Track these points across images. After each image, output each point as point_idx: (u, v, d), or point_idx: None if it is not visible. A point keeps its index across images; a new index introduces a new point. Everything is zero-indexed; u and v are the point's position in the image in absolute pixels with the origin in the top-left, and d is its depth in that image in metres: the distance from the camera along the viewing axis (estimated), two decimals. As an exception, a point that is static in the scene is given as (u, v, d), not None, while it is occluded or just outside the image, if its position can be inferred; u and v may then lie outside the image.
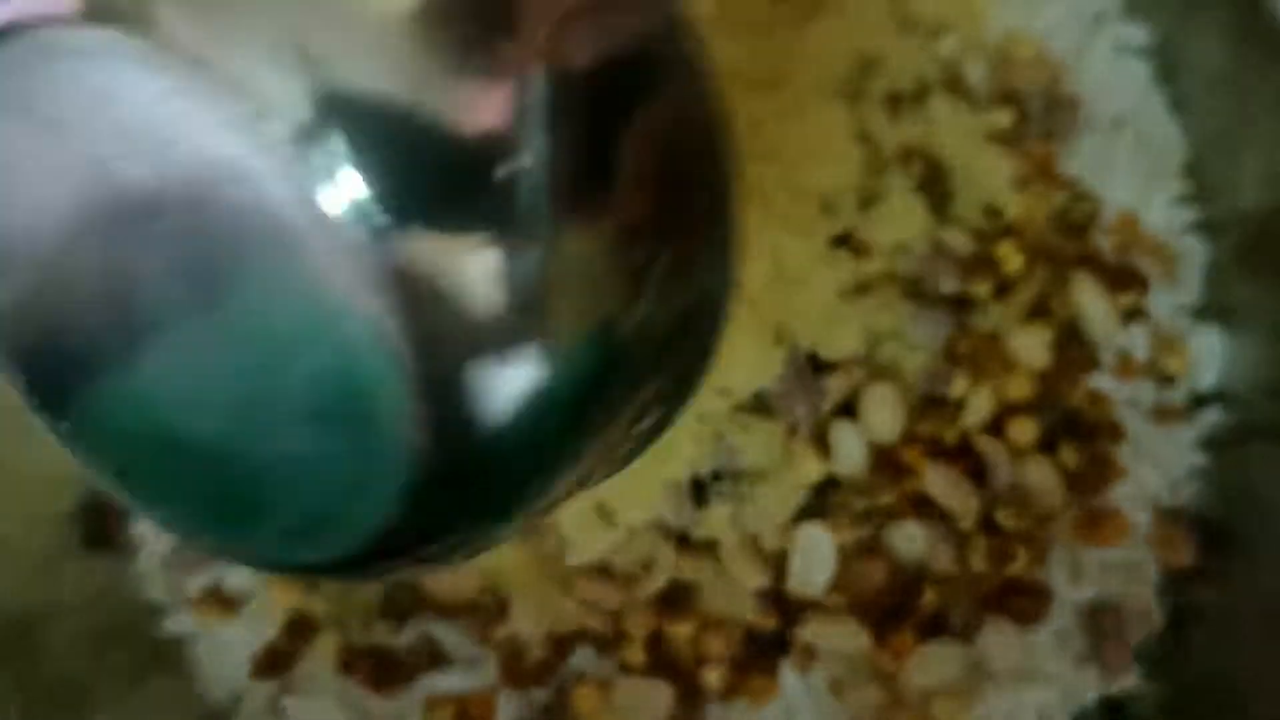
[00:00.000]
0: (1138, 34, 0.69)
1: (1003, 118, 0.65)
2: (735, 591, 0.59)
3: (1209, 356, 0.66)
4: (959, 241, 0.62)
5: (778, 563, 0.60)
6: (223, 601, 0.64)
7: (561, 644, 0.61)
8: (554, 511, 0.55)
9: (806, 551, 0.58)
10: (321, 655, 0.63)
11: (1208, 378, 0.67)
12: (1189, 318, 0.67)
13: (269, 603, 0.64)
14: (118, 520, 0.67)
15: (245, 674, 0.64)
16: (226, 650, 0.65)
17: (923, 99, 0.65)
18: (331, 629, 0.63)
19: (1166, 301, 0.67)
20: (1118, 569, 0.64)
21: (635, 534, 0.58)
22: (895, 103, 0.64)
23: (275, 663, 0.62)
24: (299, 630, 0.62)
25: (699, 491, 0.59)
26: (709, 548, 0.60)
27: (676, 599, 0.60)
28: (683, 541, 0.60)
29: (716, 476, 0.59)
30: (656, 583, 0.59)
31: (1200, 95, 0.68)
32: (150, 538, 0.67)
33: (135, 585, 0.67)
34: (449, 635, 0.62)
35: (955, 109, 0.65)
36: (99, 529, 0.67)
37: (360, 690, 0.62)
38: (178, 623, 0.67)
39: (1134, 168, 0.68)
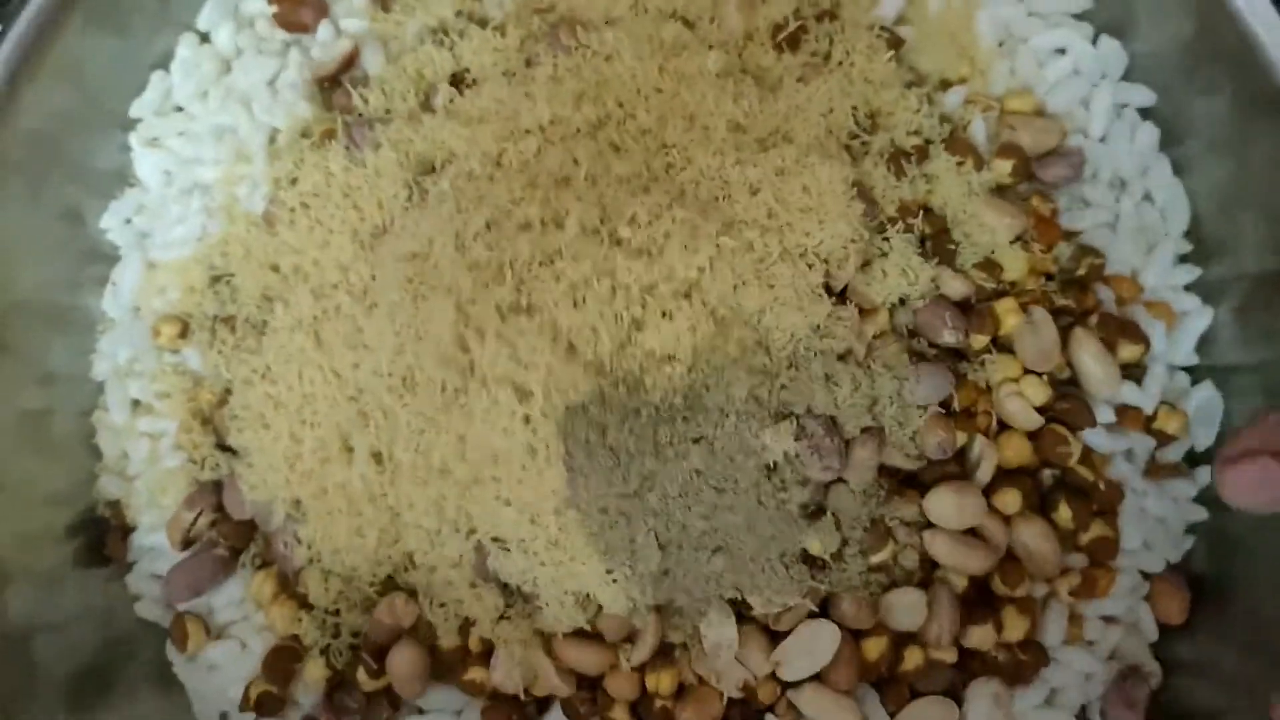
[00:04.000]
0: (1141, 94, 0.69)
1: (1005, 173, 0.66)
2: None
3: (1207, 415, 0.66)
4: (959, 295, 0.63)
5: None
6: (209, 626, 0.65)
7: (541, 701, 0.62)
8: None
9: (807, 643, 0.59)
10: (308, 683, 0.63)
11: (1205, 436, 0.66)
12: (1188, 377, 0.67)
13: (260, 627, 0.65)
14: (119, 538, 0.68)
15: (234, 695, 0.64)
16: (217, 671, 0.65)
17: (925, 155, 0.66)
18: (318, 658, 0.63)
19: (1166, 360, 0.66)
20: (1116, 626, 0.64)
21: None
22: (897, 159, 0.65)
23: (266, 706, 0.63)
24: (285, 658, 0.63)
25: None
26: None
27: (662, 656, 0.60)
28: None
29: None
30: (641, 653, 0.59)
31: (1202, 156, 0.68)
32: (146, 558, 0.68)
33: (131, 604, 0.68)
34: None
35: (957, 165, 0.65)
36: (98, 546, 0.68)
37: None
38: (170, 645, 0.67)
39: (1137, 225, 0.68)
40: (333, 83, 0.69)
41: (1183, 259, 0.68)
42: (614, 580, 0.57)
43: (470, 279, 0.56)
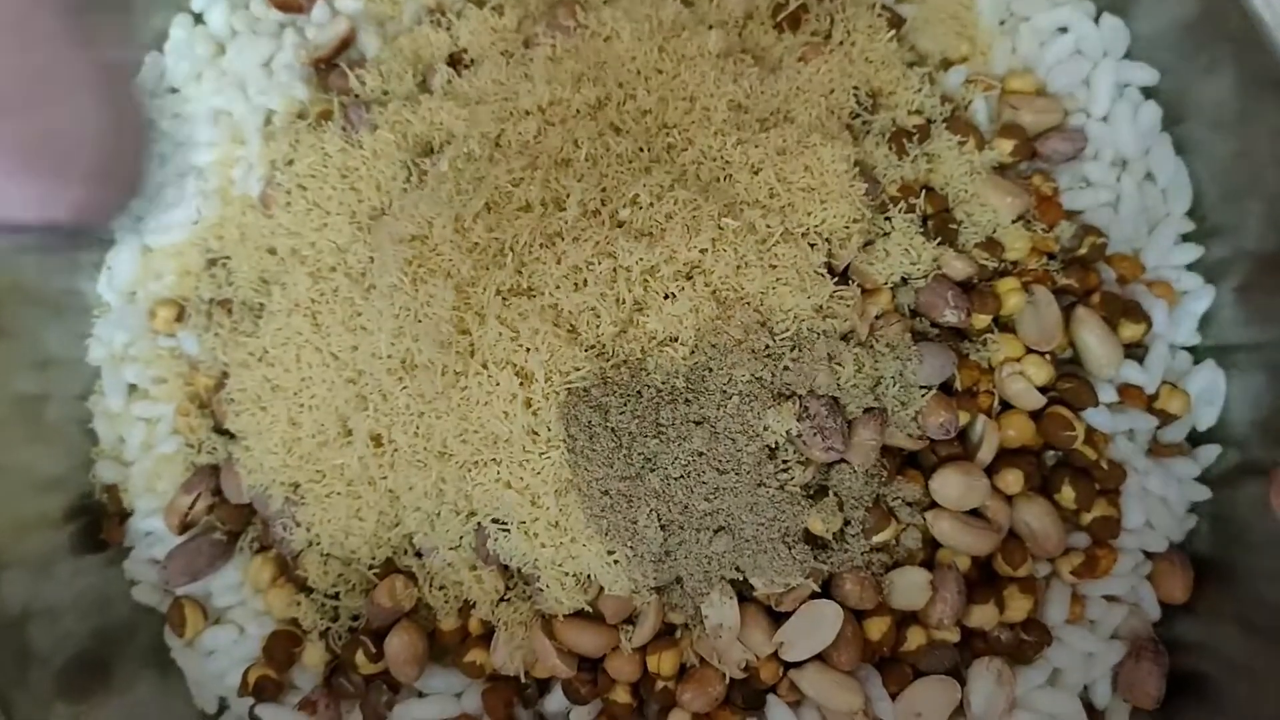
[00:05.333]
0: (1143, 73, 0.69)
1: (1006, 153, 0.66)
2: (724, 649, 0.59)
3: (1209, 395, 0.66)
4: (961, 275, 0.62)
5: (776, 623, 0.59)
6: (207, 611, 0.65)
7: (542, 682, 0.61)
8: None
9: (809, 623, 0.58)
10: (308, 667, 0.63)
11: (1207, 416, 0.66)
12: (1190, 357, 0.67)
13: (258, 612, 0.65)
14: (116, 523, 0.67)
15: (232, 680, 0.64)
16: (214, 656, 0.65)
17: (926, 135, 0.65)
18: (317, 642, 0.63)
19: (1168, 340, 0.66)
20: (1119, 605, 0.64)
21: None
22: (899, 139, 0.64)
23: (265, 691, 0.62)
24: (285, 642, 0.62)
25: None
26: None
27: (663, 637, 0.60)
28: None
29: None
30: (642, 634, 0.59)
31: (1204, 135, 0.67)
32: (143, 543, 0.67)
33: (128, 589, 0.67)
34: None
35: (958, 145, 0.65)
36: (94, 531, 0.67)
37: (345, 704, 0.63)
38: (167, 630, 0.66)
39: (1138, 205, 0.68)
40: (329, 64, 0.69)
41: (1184, 238, 0.68)
42: (615, 561, 0.57)
43: (470, 261, 0.55)
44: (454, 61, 0.66)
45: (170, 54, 0.71)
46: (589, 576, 0.58)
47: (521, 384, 0.55)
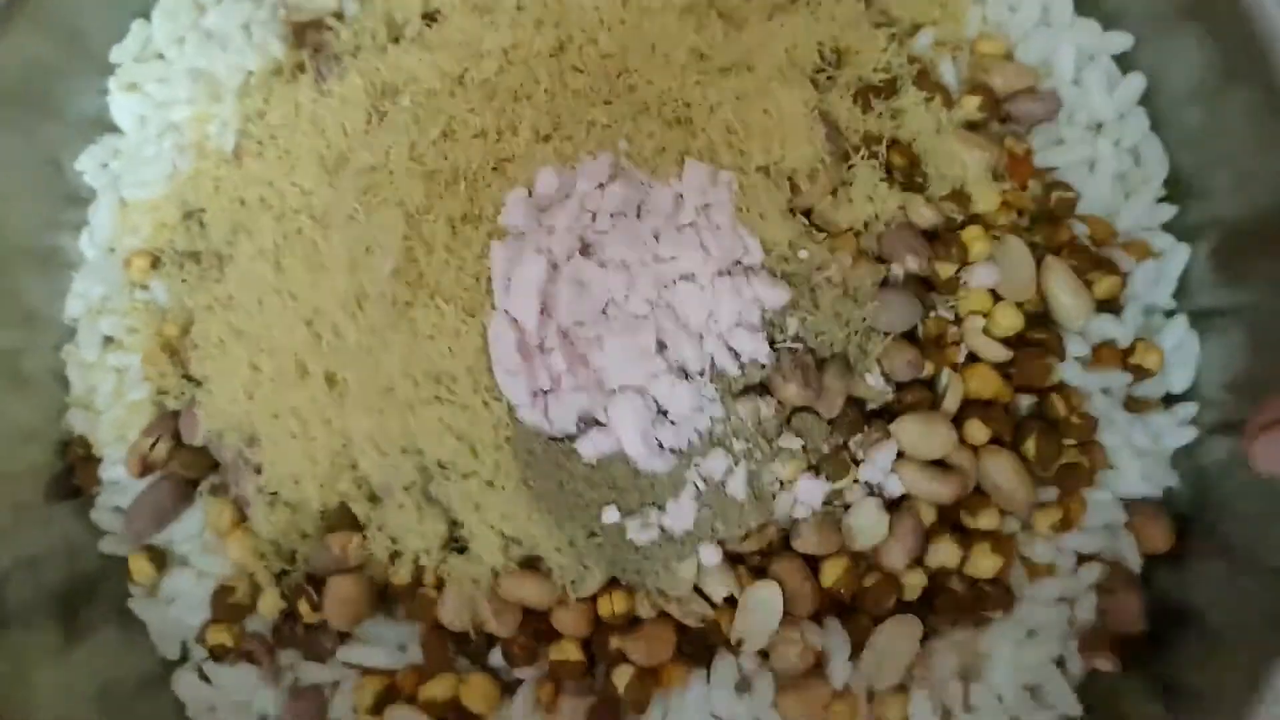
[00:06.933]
0: (1118, 40, 0.69)
1: (974, 109, 0.65)
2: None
3: (1184, 355, 0.65)
4: (926, 223, 0.62)
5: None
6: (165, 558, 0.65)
7: (490, 637, 0.60)
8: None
9: (756, 607, 0.57)
10: (263, 615, 0.62)
11: (1181, 379, 0.65)
12: (1165, 319, 0.66)
13: (218, 556, 0.64)
14: (88, 468, 0.67)
15: (193, 623, 0.63)
16: (175, 603, 0.65)
17: (893, 91, 0.65)
18: (273, 589, 0.62)
19: (1145, 300, 0.65)
20: (1099, 561, 0.63)
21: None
22: (865, 94, 0.64)
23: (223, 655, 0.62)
24: (228, 596, 0.62)
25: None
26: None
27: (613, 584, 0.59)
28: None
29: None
30: (590, 585, 0.58)
31: (1179, 104, 0.67)
32: (110, 491, 0.67)
33: (96, 540, 0.67)
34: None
35: (925, 101, 0.65)
36: (68, 480, 0.67)
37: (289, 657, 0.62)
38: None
39: (1115, 169, 0.67)
40: (306, 23, 0.70)
41: (1160, 200, 0.67)
42: (564, 547, 0.57)
43: (423, 189, 0.55)
44: (427, 18, 0.67)
45: (157, 18, 0.72)
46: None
47: (467, 319, 0.55)
